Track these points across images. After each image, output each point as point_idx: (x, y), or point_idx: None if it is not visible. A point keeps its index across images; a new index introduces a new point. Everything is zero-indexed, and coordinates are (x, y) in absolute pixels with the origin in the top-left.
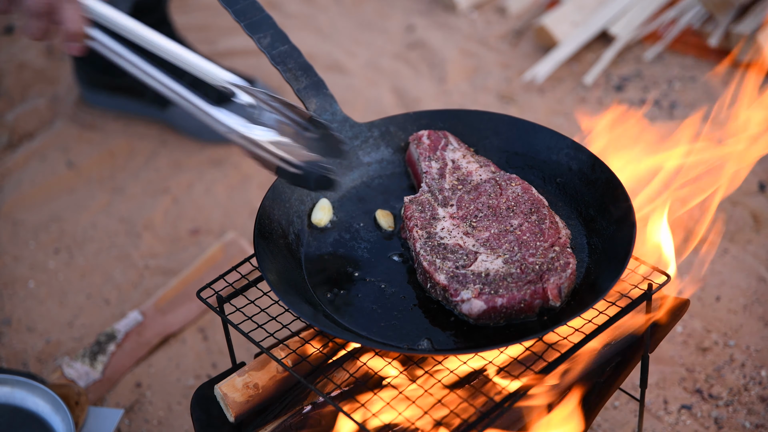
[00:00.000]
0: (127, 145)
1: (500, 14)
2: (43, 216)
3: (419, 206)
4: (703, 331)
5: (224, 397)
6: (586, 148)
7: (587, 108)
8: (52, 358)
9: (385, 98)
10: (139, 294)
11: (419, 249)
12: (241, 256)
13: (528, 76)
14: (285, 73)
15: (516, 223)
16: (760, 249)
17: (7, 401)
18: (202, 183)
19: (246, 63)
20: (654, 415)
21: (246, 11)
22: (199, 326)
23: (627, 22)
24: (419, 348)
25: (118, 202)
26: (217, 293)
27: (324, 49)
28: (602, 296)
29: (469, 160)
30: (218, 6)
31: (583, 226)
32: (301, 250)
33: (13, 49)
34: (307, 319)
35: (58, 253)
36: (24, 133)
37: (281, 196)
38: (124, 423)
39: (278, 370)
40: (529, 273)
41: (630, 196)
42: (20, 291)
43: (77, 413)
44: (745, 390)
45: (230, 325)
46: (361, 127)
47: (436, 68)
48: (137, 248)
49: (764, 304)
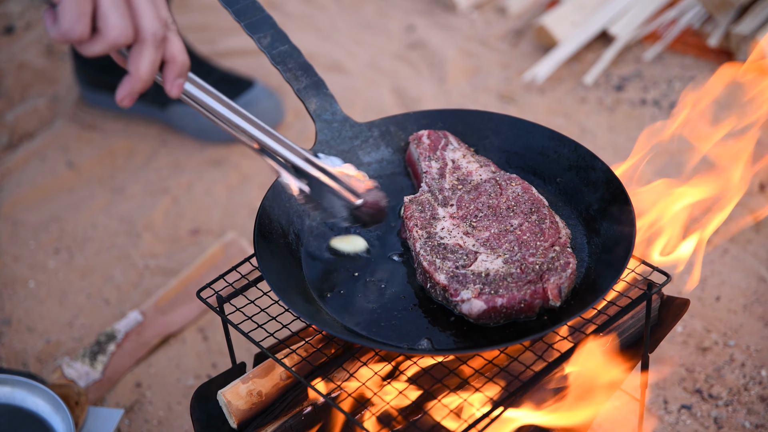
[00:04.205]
0: (127, 145)
1: (500, 14)
2: (43, 216)
3: (419, 206)
4: (703, 331)
5: (228, 404)
6: (586, 148)
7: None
8: (52, 358)
9: (385, 98)
10: (139, 294)
11: (419, 249)
12: (241, 256)
13: (528, 76)
14: (285, 73)
15: (516, 222)
16: (760, 249)
17: (7, 401)
18: (202, 183)
19: (246, 63)
20: (654, 415)
21: (246, 11)
22: (199, 326)
23: (627, 22)
24: (419, 348)
25: (118, 202)
26: (217, 293)
27: (324, 49)
28: (602, 296)
29: (469, 160)
30: (218, 6)
31: (583, 226)
32: (301, 250)
33: (13, 49)
34: (307, 319)
35: (58, 253)
36: (24, 133)
37: (281, 196)
38: (124, 423)
39: (282, 377)
40: (529, 273)
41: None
42: (20, 291)
43: (77, 413)
44: (745, 390)
45: (230, 325)
46: (361, 127)
47: (436, 68)
48: (137, 248)
49: (764, 304)
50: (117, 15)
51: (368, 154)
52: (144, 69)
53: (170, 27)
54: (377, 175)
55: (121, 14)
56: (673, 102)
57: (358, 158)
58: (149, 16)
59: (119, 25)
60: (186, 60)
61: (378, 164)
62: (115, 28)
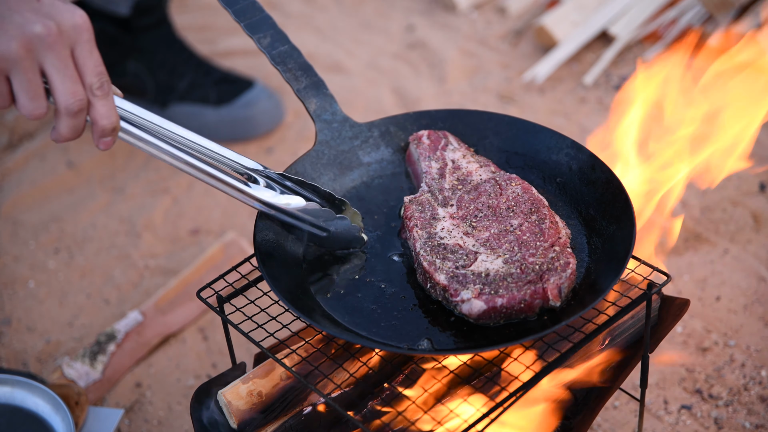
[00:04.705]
0: (127, 145)
1: (500, 14)
2: (43, 216)
3: (419, 206)
4: (703, 331)
5: (228, 404)
6: (586, 148)
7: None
8: (52, 358)
9: (385, 98)
10: (139, 294)
11: (419, 249)
12: (241, 256)
13: (528, 76)
14: (285, 73)
15: (516, 223)
16: (760, 249)
17: (7, 401)
18: (202, 183)
19: (246, 63)
20: (654, 415)
21: (246, 11)
22: (199, 326)
23: (627, 22)
24: (419, 348)
25: (118, 202)
26: (217, 293)
27: (324, 49)
28: (602, 296)
29: (469, 160)
30: (218, 6)
31: (583, 226)
32: (301, 250)
33: None
34: (307, 319)
35: (58, 253)
36: (24, 133)
37: None
38: (124, 423)
39: (282, 377)
40: (529, 273)
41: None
42: (20, 291)
43: (77, 413)
44: (745, 390)
45: (230, 325)
46: (361, 127)
47: (436, 68)
48: (137, 248)
49: (764, 304)
50: (25, 97)
51: (368, 154)
52: (64, 133)
53: (95, 93)
54: (377, 175)
55: (28, 97)
56: None
57: (358, 158)
58: (61, 91)
59: (27, 105)
60: (108, 124)
61: (378, 164)
62: (24, 108)
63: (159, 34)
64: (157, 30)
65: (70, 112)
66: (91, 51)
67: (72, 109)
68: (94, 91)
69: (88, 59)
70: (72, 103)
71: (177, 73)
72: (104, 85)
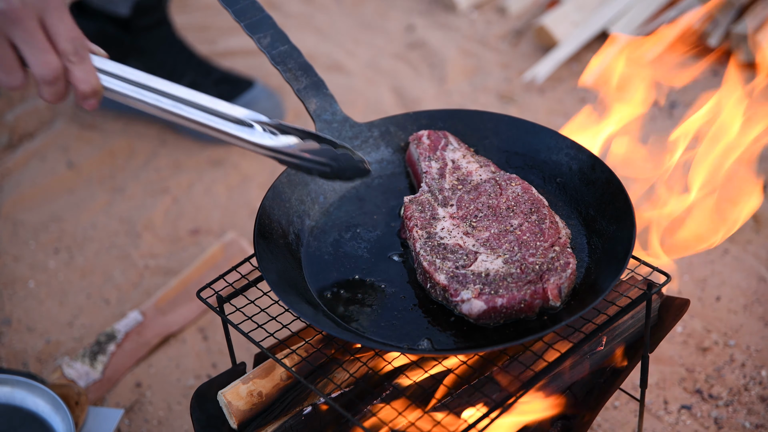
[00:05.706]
0: (127, 145)
1: (500, 14)
2: (43, 216)
3: (419, 206)
4: (703, 331)
5: (228, 405)
6: (586, 148)
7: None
8: (52, 358)
9: (385, 98)
10: (139, 294)
11: (419, 249)
12: (241, 256)
13: (528, 76)
14: (285, 73)
15: (516, 223)
16: (760, 249)
17: (7, 401)
18: (202, 183)
19: (246, 63)
20: (654, 415)
21: (246, 11)
22: (199, 326)
23: (627, 22)
24: (419, 348)
25: (118, 202)
26: (217, 293)
27: (324, 49)
28: (602, 296)
29: (469, 160)
30: (218, 6)
31: (583, 226)
32: (301, 250)
33: None
34: (307, 319)
35: (58, 253)
36: (24, 133)
37: (281, 196)
38: (124, 423)
39: (282, 377)
40: (529, 273)
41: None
42: (20, 291)
43: (77, 413)
44: (745, 390)
45: (230, 325)
46: (361, 127)
47: (436, 68)
48: (137, 248)
49: (764, 304)
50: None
51: (368, 155)
52: (47, 98)
53: (70, 59)
54: (377, 175)
55: (2, 71)
56: (673, 102)
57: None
58: (33, 63)
59: (3, 78)
60: (88, 88)
61: (378, 164)
62: (1, 81)
63: (159, 34)
64: (157, 30)
65: (46, 81)
66: (60, 18)
67: (47, 78)
68: (69, 57)
69: (59, 26)
70: (46, 73)
71: (177, 73)
72: (79, 50)
